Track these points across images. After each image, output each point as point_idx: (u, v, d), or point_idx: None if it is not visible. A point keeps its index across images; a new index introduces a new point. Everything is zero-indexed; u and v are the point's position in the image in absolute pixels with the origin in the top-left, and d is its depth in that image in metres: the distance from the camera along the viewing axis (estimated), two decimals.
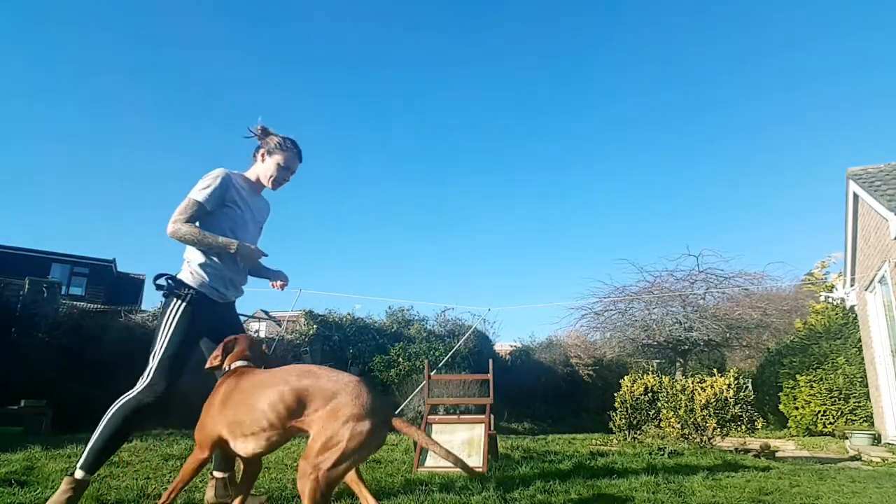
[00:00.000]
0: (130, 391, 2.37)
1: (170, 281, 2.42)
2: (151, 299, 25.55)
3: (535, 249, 37.58)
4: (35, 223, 32.18)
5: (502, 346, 16.70)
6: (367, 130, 34.62)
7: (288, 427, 1.77)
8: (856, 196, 8.60)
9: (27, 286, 8.83)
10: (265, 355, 2.26)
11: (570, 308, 13.71)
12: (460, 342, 11.26)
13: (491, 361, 5.25)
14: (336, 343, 11.85)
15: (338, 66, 32.58)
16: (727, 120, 31.97)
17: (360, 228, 36.22)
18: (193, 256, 2.47)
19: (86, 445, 2.35)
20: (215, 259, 2.47)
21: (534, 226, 36.65)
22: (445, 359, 10.10)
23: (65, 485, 2.18)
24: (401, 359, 11.47)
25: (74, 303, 12.00)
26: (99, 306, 13.88)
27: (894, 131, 23.19)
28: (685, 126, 33.70)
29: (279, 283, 2.76)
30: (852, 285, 9.74)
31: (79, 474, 2.22)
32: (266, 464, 3.79)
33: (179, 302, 2.38)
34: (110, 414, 2.34)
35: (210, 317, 2.46)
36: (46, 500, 2.24)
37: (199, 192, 2.42)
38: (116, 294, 19.52)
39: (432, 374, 5.48)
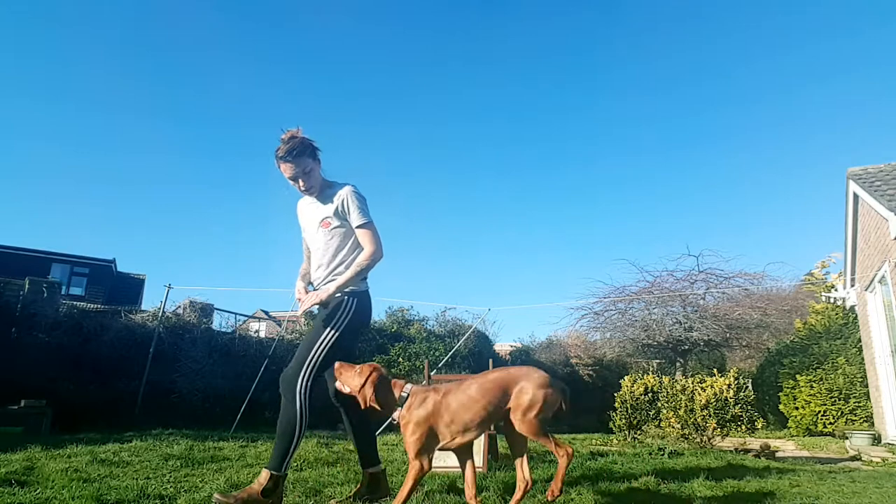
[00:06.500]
0: None
1: None
2: (151, 299, 25.60)
3: (536, 249, 37.59)
4: (35, 223, 32.16)
5: (502, 346, 16.69)
6: (367, 130, 34.60)
7: None
8: (856, 196, 8.60)
9: (27, 286, 8.83)
10: None
11: (570, 308, 13.71)
12: (460, 342, 11.26)
13: (491, 361, 5.26)
14: None
15: (335, 64, 32.58)
16: (727, 120, 31.98)
17: None
18: None
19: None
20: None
21: (534, 225, 36.65)
22: (445, 359, 10.10)
23: None
24: (401, 359, 11.47)
25: (74, 303, 12.00)
26: (99, 306, 13.89)
27: (894, 131, 23.19)
28: (685, 126, 33.71)
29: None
30: (852, 285, 9.74)
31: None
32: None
33: None
34: None
35: None
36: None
37: None
38: (116, 294, 19.52)
39: (432, 374, 5.48)
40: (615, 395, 7.61)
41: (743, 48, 31.26)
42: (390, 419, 2.37)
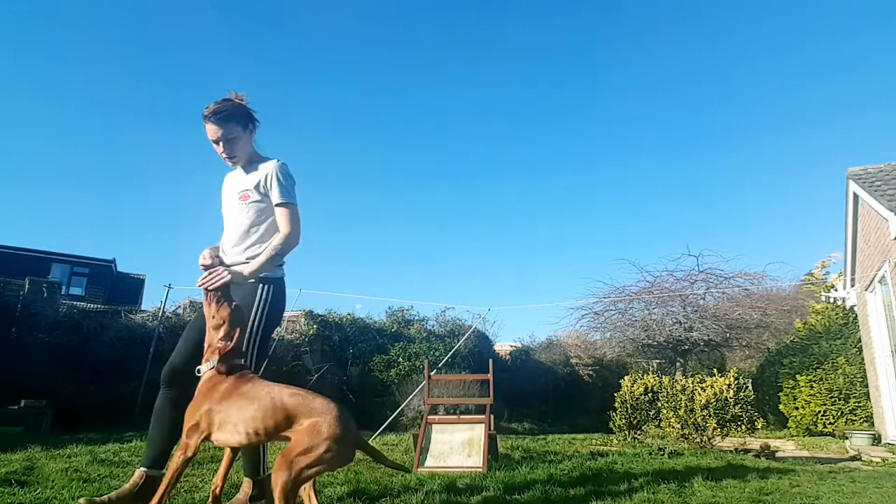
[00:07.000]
0: None
1: None
2: (151, 299, 25.59)
3: (536, 249, 37.56)
4: (35, 223, 32.16)
5: (502, 346, 16.69)
6: (367, 129, 34.59)
7: None
8: (856, 196, 8.60)
9: (27, 286, 8.84)
10: None
11: (570, 308, 13.72)
12: (460, 342, 11.26)
13: (491, 361, 5.26)
14: (336, 343, 11.84)
15: (336, 64, 32.57)
16: (727, 120, 31.94)
17: (359, 228, 36.22)
18: None
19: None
20: None
21: (534, 225, 36.64)
22: (445, 359, 10.10)
23: None
24: (401, 359, 11.47)
25: (74, 303, 12.00)
26: (99, 306, 13.89)
27: (894, 131, 23.17)
28: (685, 126, 33.67)
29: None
30: (852, 285, 9.74)
31: None
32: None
33: None
34: None
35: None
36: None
37: None
38: (116, 294, 19.52)
39: (432, 374, 5.48)
40: (615, 395, 7.61)
41: (743, 48, 31.20)
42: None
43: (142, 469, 2.31)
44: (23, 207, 31.81)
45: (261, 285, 2.39)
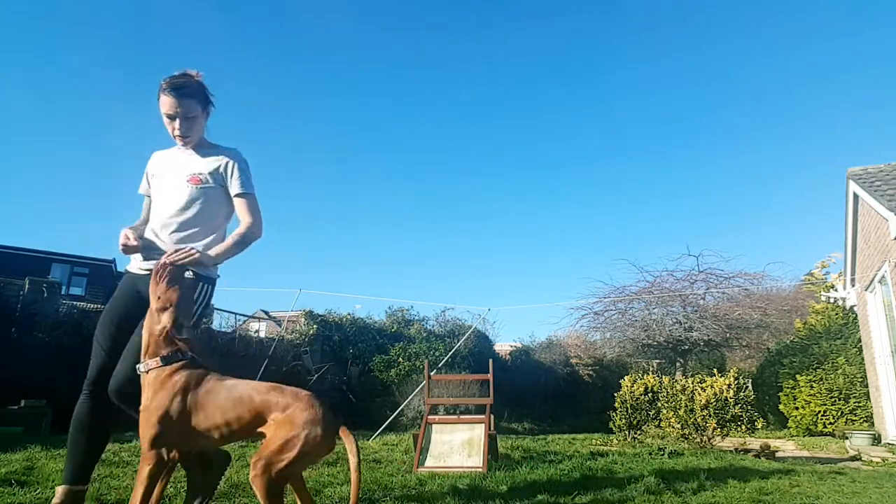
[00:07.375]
0: None
1: None
2: None
3: (535, 249, 37.59)
4: (35, 223, 32.17)
5: (502, 346, 16.71)
6: (367, 130, 34.63)
7: None
8: (856, 196, 8.60)
9: (27, 286, 8.83)
10: None
11: (570, 308, 13.72)
12: (460, 342, 11.27)
13: (491, 361, 5.26)
14: (336, 343, 11.85)
15: (336, 64, 32.59)
16: (727, 120, 31.97)
17: (360, 228, 36.23)
18: None
19: None
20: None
21: (534, 226, 36.66)
22: (445, 359, 10.10)
23: None
24: (401, 359, 11.48)
25: (74, 303, 11.99)
26: (99, 306, 13.88)
27: (894, 131, 23.18)
28: (685, 126, 33.70)
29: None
30: (852, 285, 9.74)
31: None
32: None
33: None
34: None
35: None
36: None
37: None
38: None
39: (432, 374, 5.48)
40: (615, 395, 7.61)
41: (743, 48, 31.25)
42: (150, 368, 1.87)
43: (65, 486, 2.16)
44: (23, 207, 31.85)
45: (201, 284, 2.24)
